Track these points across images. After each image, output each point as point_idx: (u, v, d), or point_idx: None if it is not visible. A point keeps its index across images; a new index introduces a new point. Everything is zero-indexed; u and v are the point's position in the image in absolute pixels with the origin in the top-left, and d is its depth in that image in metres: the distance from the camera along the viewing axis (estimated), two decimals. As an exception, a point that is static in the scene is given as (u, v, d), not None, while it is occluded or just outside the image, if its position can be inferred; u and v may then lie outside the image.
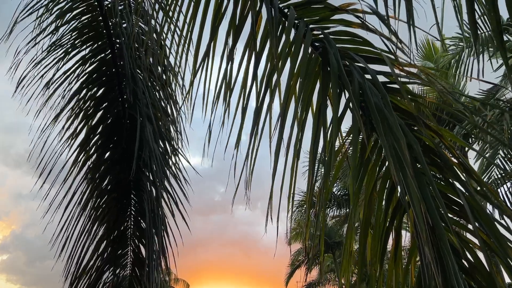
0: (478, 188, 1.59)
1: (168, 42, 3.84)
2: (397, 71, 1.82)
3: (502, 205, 1.54)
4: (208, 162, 2.17)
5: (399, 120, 1.68)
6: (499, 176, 6.98)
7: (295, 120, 2.05)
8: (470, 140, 8.56)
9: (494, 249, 1.43)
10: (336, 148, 2.28)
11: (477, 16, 1.56)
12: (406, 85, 1.91)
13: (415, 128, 1.81)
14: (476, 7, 1.51)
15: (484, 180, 6.80)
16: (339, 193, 16.94)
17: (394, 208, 1.91)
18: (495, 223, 1.50)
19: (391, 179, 1.89)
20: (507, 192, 6.81)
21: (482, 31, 7.20)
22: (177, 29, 2.57)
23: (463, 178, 1.58)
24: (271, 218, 1.83)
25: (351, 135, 1.99)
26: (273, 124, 2.09)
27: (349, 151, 2.20)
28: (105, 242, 4.18)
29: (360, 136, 2.00)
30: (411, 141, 1.59)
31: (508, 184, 6.94)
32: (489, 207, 1.75)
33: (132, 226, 4.31)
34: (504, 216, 1.57)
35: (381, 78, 1.96)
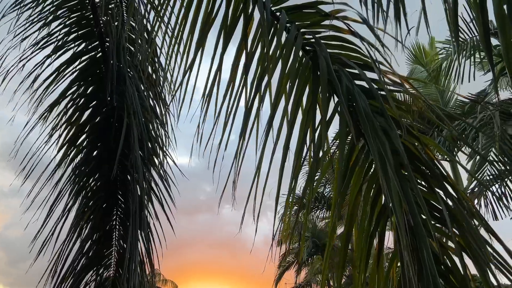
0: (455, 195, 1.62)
1: (158, 42, 3.84)
2: (384, 78, 1.85)
3: (476, 210, 1.57)
4: (195, 161, 2.17)
5: (386, 125, 1.70)
6: (490, 176, 7.08)
7: (283, 122, 2.06)
8: (458, 143, 8.66)
9: (472, 255, 1.45)
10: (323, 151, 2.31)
11: (469, 19, 1.59)
12: (393, 93, 1.94)
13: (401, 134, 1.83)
14: (468, 11, 1.53)
15: (479, 178, 6.90)
16: (329, 195, 17.00)
17: (378, 212, 1.93)
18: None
19: (377, 183, 1.91)
20: (497, 192, 6.92)
21: (473, 35, 7.32)
22: (168, 28, 2.58)
23: (446, 185, 1.61)
24: (254, 218, 1.84)
25: (339, 139, 2.01)
26: (263, 125, 2.11)
27: (336, 154, 2.22)
28: (89, 241, 4.14)
29: (348, 139, 2.03)
30: (397, 147, 1.61)
31: (497, 185, 7.05)
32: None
33: (117, 226, 4.28)
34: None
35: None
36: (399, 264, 1.69)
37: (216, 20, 2.21)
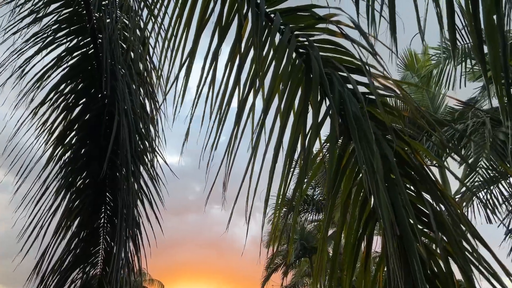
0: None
1: (151, 40, 3.82)
2: (376, 83, 1.86)
3: (463, 216, 1.58)
4: (186, 161, 2.17)
5: (376, 130, 1.71)
6: (481, 181, 7.15)
7: (275, 123, 2.07)
8: (448, 149, 8.73)
9: (457, 261, 1.47)
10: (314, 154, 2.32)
11: (461, 26, 1.61)
12: (384, 97, 1.95)
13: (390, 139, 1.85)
14: (460, 18, 1.54)
15: (468, 184, 6.97)
16: (318, 198, 17.05)
17: (367, 216, 1.94)
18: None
19: (365, 187, 1.92)
20: (485, 198, 6.99)
21: (465, 42, 7.39)
22: (162, 27, 2.57)
23: (434, 190, 1.62)
24: (246, 219, 1.84)
25: (329, 142, 2.02)
26: (255, 125, 2.11)
27: (327, 157, 2.23)
28: (77, 239, 4.10)
29: (339, 142, 2.04)
30: (386, 152, 1.62)
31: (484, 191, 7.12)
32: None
33: (105, 224, 4.25)
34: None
35: (361, 89, 2.00)
36: (386, 268, 1.70)
37: (210, 21, 2.21)
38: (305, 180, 2.05)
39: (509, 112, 1.42)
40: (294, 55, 2.14)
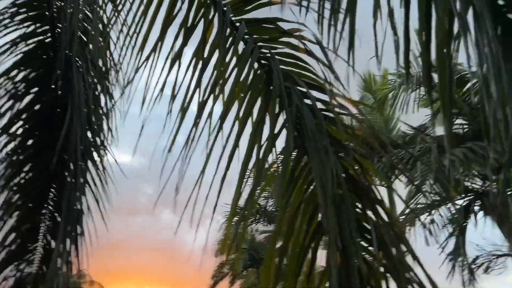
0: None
1: (113, 35, 3.73)
2: (334, 100, 1.92)
3: (404, 236, 1.65)
4: (140, 161, 2.12)
5: (329, 147, 1.76)
6: (424, 204, 7.47)
7: (232, 131, 2.07)
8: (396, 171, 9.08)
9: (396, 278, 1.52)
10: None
11: (418, 54, 1.68)
12: (341, 116, 2.01)
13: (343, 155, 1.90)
14: (418, 46, 1.61)
15: (412, 206, 7.26)
16: (271, 209, 17.12)
17: (314, 229, 1.97)
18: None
19: (315, 200, 1.96)
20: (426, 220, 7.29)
21: (420, 70, 7.75)
22: (125, 23, 2.51)
23: (379, 210, 1.68)
24: (194, 225, 1.82)
25: (283, 154, 2.05)
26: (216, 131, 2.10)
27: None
28: (14, 234, 3.88)
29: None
30: (337, 168, 1.66)
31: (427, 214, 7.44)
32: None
33: (47, 220, 4.06)
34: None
35: (319, 105, 2.05)
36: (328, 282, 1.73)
37: (175, 22, 2.19)
38: (258, 190, 2.06)
39: (451, 140, 1.50)
40: (256, 65, 2.16)
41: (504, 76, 1.21)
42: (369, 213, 1.80)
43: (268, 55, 2.05)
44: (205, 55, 2.11)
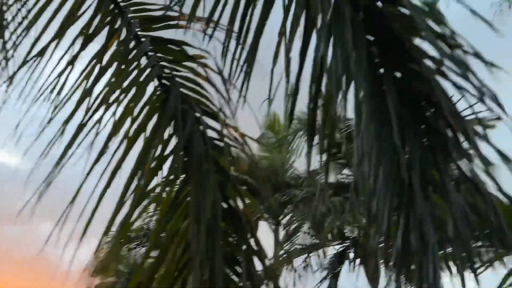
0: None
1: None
2: (225, 131, 1.95)
3: (273, 274, 1.70)
4: (26, 165, 1.93)
5: (213, 175, 1.76)
6: (303, 246, 7.78)
7: (121, 144, 1.99)
8: (286, 209, 9.42)
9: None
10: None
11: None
12: (231, 147, 2.04)
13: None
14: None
15: (287, 247, 7.53)
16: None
17: (188, 258, 1.93)
18: None
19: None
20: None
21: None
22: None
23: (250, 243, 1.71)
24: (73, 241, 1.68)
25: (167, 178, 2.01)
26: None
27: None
28: None
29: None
30: (217, 198, 1.67)
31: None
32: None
33: None
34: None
35: (213, 133, 2.07)
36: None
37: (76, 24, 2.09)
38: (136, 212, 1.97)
39: (327, 188, 1.60)
40: (157, 83, 2.13)
41: (372, 129, 1.35)
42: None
43: (170, 76, 2.04)
44: (103, 63, 2.02)
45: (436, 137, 1.54)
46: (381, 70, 1.66)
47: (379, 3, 1.69)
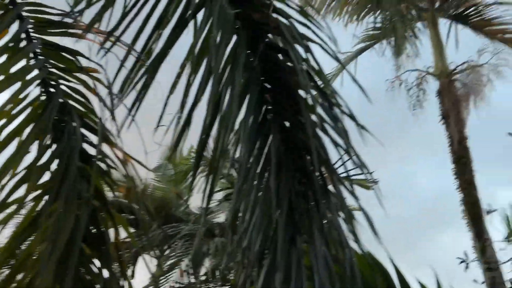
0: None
1: None
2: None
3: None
4: None
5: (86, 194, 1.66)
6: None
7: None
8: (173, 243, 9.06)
9: None
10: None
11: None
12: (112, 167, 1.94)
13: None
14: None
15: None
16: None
17: None
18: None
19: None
20: None
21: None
22: None
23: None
24: None
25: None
26: None
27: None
28: None
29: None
30: (81, 222, 1.56)
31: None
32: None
33: None
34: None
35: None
36: None
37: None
38: None
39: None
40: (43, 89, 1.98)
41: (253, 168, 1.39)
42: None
43: (54, 83, 1.91)
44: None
45: (309, 185, 1.62)
46: (269, 116, 1.74)
47: (279, 55, 1.80)
